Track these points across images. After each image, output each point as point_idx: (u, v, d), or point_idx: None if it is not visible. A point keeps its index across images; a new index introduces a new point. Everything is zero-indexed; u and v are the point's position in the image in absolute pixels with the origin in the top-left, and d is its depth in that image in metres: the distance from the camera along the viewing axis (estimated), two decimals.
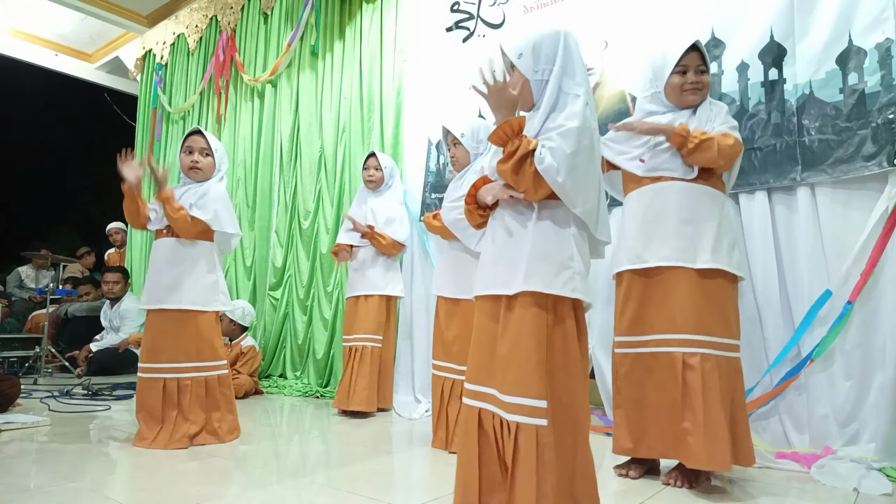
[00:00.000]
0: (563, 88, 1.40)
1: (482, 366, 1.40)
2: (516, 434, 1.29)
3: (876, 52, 2.12)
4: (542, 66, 1.41)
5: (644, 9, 2.74)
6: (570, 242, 1.36)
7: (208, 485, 1.83)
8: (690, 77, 1.92)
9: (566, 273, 1.34)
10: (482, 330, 1.43)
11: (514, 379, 1.31)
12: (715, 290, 1.81)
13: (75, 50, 6.67)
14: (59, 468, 1.96)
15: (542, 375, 1.30)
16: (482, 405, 1.38)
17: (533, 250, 1.35)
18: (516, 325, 1.34)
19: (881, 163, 2.06)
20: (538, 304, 1.33)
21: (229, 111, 5.10)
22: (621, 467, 1.94)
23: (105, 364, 4.45)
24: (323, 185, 4.18)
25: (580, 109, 1.35)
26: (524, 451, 1.27)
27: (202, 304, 2.38)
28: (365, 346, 3.06)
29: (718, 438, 1.70)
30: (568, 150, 1.30)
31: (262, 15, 4.87)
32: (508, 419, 1.31)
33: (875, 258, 2.06)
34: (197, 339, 2.36)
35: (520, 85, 1.43)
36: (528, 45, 1.42)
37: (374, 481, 1.89)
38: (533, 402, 1.28)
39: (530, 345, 1.31)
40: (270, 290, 4.48)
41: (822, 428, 2.11)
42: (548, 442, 1.27)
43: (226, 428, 2.39)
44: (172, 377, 2.32)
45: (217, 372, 2.42)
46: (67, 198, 14.07)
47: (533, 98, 1.44)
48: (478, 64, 1.45)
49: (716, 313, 1.80)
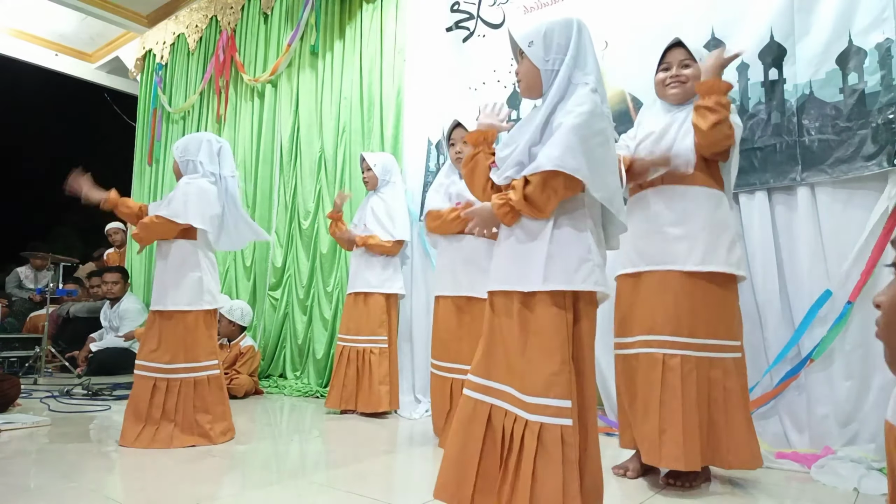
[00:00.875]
0: (572, 80, 1.37)
1: (495, 362, 1.38)
2: (540, 434, 1.26)
3: (876, 52, 2.12)
4: (552, 56, 1.38)
5: (644, 9, 2.74)
6: (588, 235, 1.34)
7: (208, 485, 1.83)
8: (672, 72, 1.94)
9: (587, 266, 1.32)
10: (495, 325, 1.40)
11: (538, 379, 1.29)
12: (706, 291, 1.81)
13: (75, 50, 6.66)
14: (59, 468, 1.96)
15: (567, 375, 1.28)
16: (494, 401, 1.35)
17: (552, 247, 1.32)
18: (538, 325, 1.31)
19: (881, 163, 2.06)
20: (557, 302, 1.31)
21: (229, 111, 5.10)
22: (619, 467, 1.94)
23: (105, 364, 4.44)
24: (323, 186, 4.18)
25: (588, 98, 1.33)
26: (551, 451, 1.25)
27: (186, 304, 2.35)
28: (374, 347, 3.05)
29: (692, 439, 1.71)
30: (575, 140, 1.28)
31: (262, 15, 4.87)
32: (530, 419, 1.28)
33: (875, 258, 2.06)
34: (184, 340, 2.33)
35: (527, 74, 1.41)
36: (539, 33, 1.39)
37: (375, 481, 1.89)
38: (558, 402, 1.27)
39: (553, 344, 1.29)
40: (270, 290, 4.48)
41: (821, 428, 2.11)
42: (573, 442, 1.26)
43: (218, 430, 2.35)
44: (162, 377, 2.31)
45: (207, 373, 2.38)
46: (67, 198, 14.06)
47: (542, 87, 1.41)
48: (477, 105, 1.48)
49: (704, 315, 1.79)
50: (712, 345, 1.80)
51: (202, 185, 2.41)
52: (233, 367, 3.68)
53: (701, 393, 1.76)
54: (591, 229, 1.36)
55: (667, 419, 1.74)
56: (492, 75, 3.29)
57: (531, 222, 1.37)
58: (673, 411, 1.74)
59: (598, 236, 1.39)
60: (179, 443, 2.26)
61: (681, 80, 1.92)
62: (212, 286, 2.43)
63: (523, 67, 1.43)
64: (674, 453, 1.72)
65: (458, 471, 1.34)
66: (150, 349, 2.34)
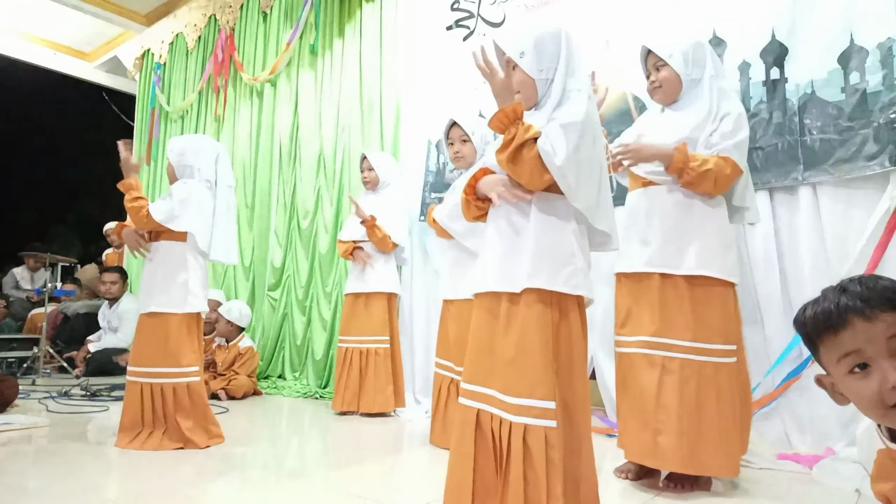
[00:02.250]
0: (566, 87, 1.38)
1: (481, 366, 1.37)
2: (524, 436, 1.25)
3: (878, 51, 2.11)
4: (546, 65, 1.39)
5: (645, 8, 2.73)
6: (572, 238, 1.34)
7: (207, 486, 1.82)
8: (651, 78, 1.98)
9: (568, 269, 1.31)
10: (481, 329, 1.39)
11: (520, 380, 1.28)
12: (703, 295, 1.80)
13: (74, 49, 6.64)
14: (57, 469, 1.95)
15: (550, 376, 1.27)
16: (481, 406, 1.34)
17: (535, 246, 1.32)
18: (521, 325, 1.31)
19: (883, 162, 2.05)
20: (542, 301, 1.30)
21: (228, 110, 5.08)
22: (621, 469, 1.94)
23: (103, 365, 4.42)
24: (322, 185, 4.17)
25: (583, 104, 1.33)
26: (534, 454, 1.24)
27: (168, 306, 2.31)
28: (378, 347, 3.04)
29: (689, 441, 1.71)
30: (571, 142, 1.28)
31: (261, 14, 4.85)
32: (513, 421, 1.27)
33: (877, 258, 2.05)
34: (167, 343, 2.29)
35: (521, 84, 1.41)
36: (530, 43, 1.39)
37: (374, 482, 1.88)
38: (542, 403, 1.26)
39: (536, 345, 1.28)
40: (269, 290, 4.47)
41: (823, 429, 2.10)
42: (557, 444, 1.25)
43: (202, 437, 2.28)
44: (147, 381, 2.28)
45: (186, 379, 2.30)
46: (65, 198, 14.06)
47: (536, 97, 1.42)
48: (473, 49, 1.38)
49: (703, 319, 1.78)
50: (712, 349, 1.78)
51: (190, 191, 2.38)
52: (231, 367, 3.67)
53: (699, 396, 1.74)
54: (575, 231, 1.35)
55: (663, 422, 1.74)
56: None
57: (515, 220, 1.36)
58: (670, 413, 1.73)
59: (583, 239, 1.37)
60: (168, 447, 2.23)
61: (657, 85, 1.97)
62: (197, 289, 2.38)
63: (517, 78, 1.42)
64: (669, 455, 1.72)
65: (457, 479, 1.33)
66: (136, 353, 2.32)
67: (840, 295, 0.82)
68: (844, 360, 0.81)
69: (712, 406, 1.74)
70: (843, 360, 0.81)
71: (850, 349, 0.80)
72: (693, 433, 1.72)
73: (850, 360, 0.80)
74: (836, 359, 0.82)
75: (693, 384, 1.75)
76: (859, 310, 0.79)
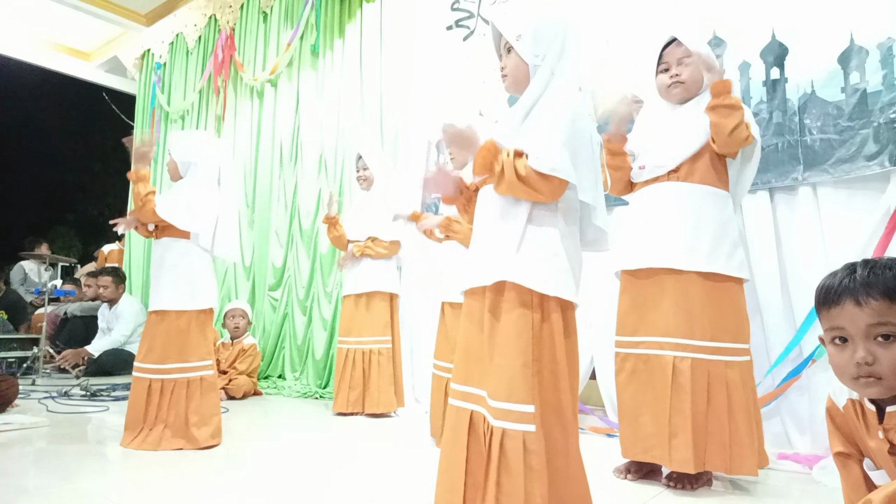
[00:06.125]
0: (555, 74, 1.34)
1: (470, 366, 1.34)
2: (502, 440, 1.21)
3: (878, 51, 2.11)
4: (541, 51, 1.34)
5: (645, 7, 2.73)
6: (556, 238, 1.29)
7: (207, 486, 1.82)
8: (672, 72, 1.91)
9: (548, 269, 1.27)
10: (469, 328, 1.36)
11: (500, 383, 1.24)
12: (713, 293, 1.79)
13: (74, 49, 6.64)
14: (57, 469, 1.95)
15: (528, 379, 1.23)
16: (474, 407, 1.30)
17: (518, 243, 1.28)
18: (502, 326, 1.27)
19: (883, 162, 2.05)
20: (523, 302, 1.26)
21: (229, 111, 5.08)
22: (620, 470, 1.93)
23: (103, 364, 4.43)
24: (323, 185, 4.17)
25: (569, 95, 1.30)
26: (512, 459, 1.19)
27: (178, 304, 2.32)
28: (381, 348, 3.04)
29: (702, 442, 1.70)
30: (561, 140, 1.24)
31: (262, 14, 4.85)
32: (495, 425, 1.23)
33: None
34: (177, 340, 2.31)
35: (514, 68, 1.38)
36: (529, 26, 1.35)
37: (374, 481, 1.88)
38: (519, 406, 1.21)
39: (515, 347, 1.24)
40: (270, 290, 4.47)
41: (823, 429, 2.08)
42: (536, 449, 1.19)
43: (206, 433, 2.27)
44: (157, 378, 2.28)
45: (200, 373, 2.33)
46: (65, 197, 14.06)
47: (526, 83, 1.37)
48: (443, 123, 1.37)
49: (713, 317, 1.77)
50: (722, 348, 1.77)
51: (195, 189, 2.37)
52: (233, 364, 3.67)
53: (710, 396, 1.74)
54: (562, 231, 1.30)
55: (677, 423, 1.73)
56: (492, 74, 3.28)
57: (499, 219, 1.33)
58: (683, 415, 1.72)
59: (570, 241, 1.32)
60: (168, 445, 2.23)
61: (680, 80, 1.90)
62: (206, 286, 2.38)
63: (511, 62, 1.39)
64: (684, 457, 1.70)
65: (448, 481, 1.29)
66: (145, 350, 2.32)
67: (847, 275, 0.98)
68: (830, 332, 1.01)
69: (724, 406, 1.73)
70: (829, 331, 1.01)
71: (837, 325, 0.99)
72: (719, 433, 1.71)
73: (834, 332, 1.00)
74: (826, 327, 1.02)
75: (704, 384, 1.74)
76: (854, 294, 0.95)
